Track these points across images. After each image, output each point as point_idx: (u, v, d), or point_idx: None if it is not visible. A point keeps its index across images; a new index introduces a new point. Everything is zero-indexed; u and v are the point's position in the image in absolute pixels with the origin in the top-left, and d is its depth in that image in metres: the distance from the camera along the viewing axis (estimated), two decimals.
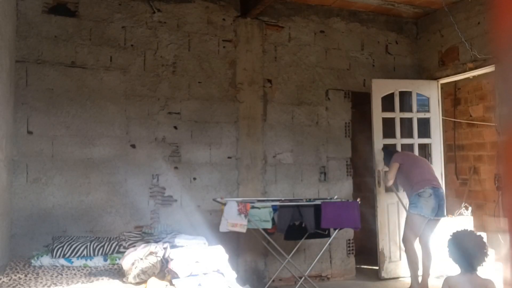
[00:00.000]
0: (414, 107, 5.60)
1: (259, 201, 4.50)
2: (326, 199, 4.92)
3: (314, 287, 4.57)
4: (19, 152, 4.21)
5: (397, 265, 5.34)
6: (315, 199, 4.76)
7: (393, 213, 5.37)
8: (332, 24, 5.58)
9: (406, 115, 5.61)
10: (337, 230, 4.50)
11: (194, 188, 4.83)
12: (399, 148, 5.48)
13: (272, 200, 4.61)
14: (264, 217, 4.15)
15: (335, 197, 5.03)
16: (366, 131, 5.96)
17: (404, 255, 5.22)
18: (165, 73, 4.80)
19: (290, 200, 4.66)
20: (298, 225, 4.27)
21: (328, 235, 4.51)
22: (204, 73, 4.96)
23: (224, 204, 4.14)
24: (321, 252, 4.65)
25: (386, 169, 5.07)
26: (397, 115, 5.57)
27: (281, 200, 4.64)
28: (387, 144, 5.37)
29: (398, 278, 5.31)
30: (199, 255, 2.81)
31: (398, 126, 5.55)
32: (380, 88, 5.49)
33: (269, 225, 4.17)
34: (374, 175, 5.44)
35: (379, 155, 5.39)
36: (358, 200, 4.52)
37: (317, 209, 4.31)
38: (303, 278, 4.49)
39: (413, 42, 6.00)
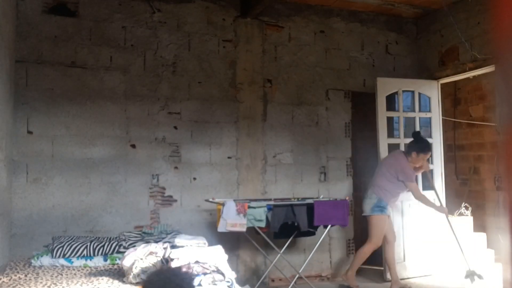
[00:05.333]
0: (417, 106, 5.59)
1: (253, 200, 4.53)
2: (313, 198, 4.90)
3: (314, 287, 4.58)
4: (19, 152, 4.21)
5: (401, 266, 5.31)
6: (304, 198, 4.79)
7: (397, 214, 5.32)
8: (332, 24, 5.58)
9: (409, 114, 5.61)
10: (328, 227, 4.60)
11: (194, 188, 4.83)
12: (402, 148, 5.46)
13: (266, 200, 4.67)
14: (258, 216, 4.20)
15: (321, 196, 5.05)
16: (366, 131, 5.95)
17: (408, 256, 5.23)
18: (165, 73, 4.80)
19: (282, 200, 4.71)
20: (290, 224, 4.36)
21: (314, 233, 4.61)
22: (204, 73, 4.96)
23: (222, 204, 4.16)
24: (314, 249, 4.70)
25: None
26: (400, 114, 5.55)
27: (274, 199, 4.69)
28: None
29: (402, 279, 5.29)
30: (199, 255, 2.81)
31: (402, 125, 5.53)
32: (385, 86, 5.47)
33: (262, 224, 4.23)
34: None
35: (384, 155, 5.37)
36: (347, 198, 4.70)
37: (309, 208, 4.41)
38: (296, 276, 4.51)
39: (413, 42, 6.00)
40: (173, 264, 2.70)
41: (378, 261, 5.45)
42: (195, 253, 2.83)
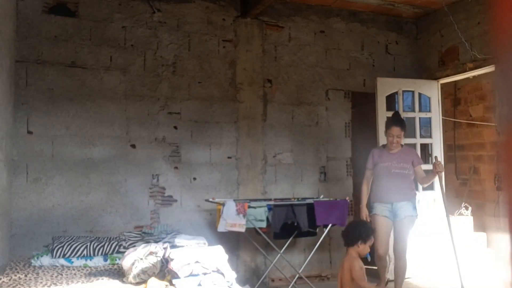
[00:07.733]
0: (417, 106, 5.59)
1: (253, 200, 4.53)
2: (313, 198, 4.90)
3: (314, 286, 4.58)
4: (19, 152, 4.21)
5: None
6: (304, 198, 4.80)
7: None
8: (332, 24, 5.58)
9: (409, 114, 5.60)
10: (328, 227, 4.59)
11: (194, 188, 4.83)
12: None
13: (266, 200, 4.66)
14: (259, 216, 4.20)
15: (321, 196, 5.05)
16: (366, 131, 5.94)
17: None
18: (165, 73, 4.80)
19: (282, 200, 4.71)
20: (290, 224, 4.36)
21: (315, 233, 4.58)
22: (204, 73, 4.96)
23: (222, 204, 4.16)
24: (314, 249, 4.68)
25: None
26: (401, 114, 5.54)
27: (275, 199, 4.69)
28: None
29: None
30: (199, 255, 2.81)
31: None
32: (385, 86, 5.47)
33: (263, 224, 4.23)
34: None
35: None
36: (347, 198, 4.66)
37: (309, 208, 4.42)
38: (296, 276, 4.51)
39: (413, 42, 6.00)
40: (173, 264, 2.70)
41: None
42: (195, 253, 2.83)
